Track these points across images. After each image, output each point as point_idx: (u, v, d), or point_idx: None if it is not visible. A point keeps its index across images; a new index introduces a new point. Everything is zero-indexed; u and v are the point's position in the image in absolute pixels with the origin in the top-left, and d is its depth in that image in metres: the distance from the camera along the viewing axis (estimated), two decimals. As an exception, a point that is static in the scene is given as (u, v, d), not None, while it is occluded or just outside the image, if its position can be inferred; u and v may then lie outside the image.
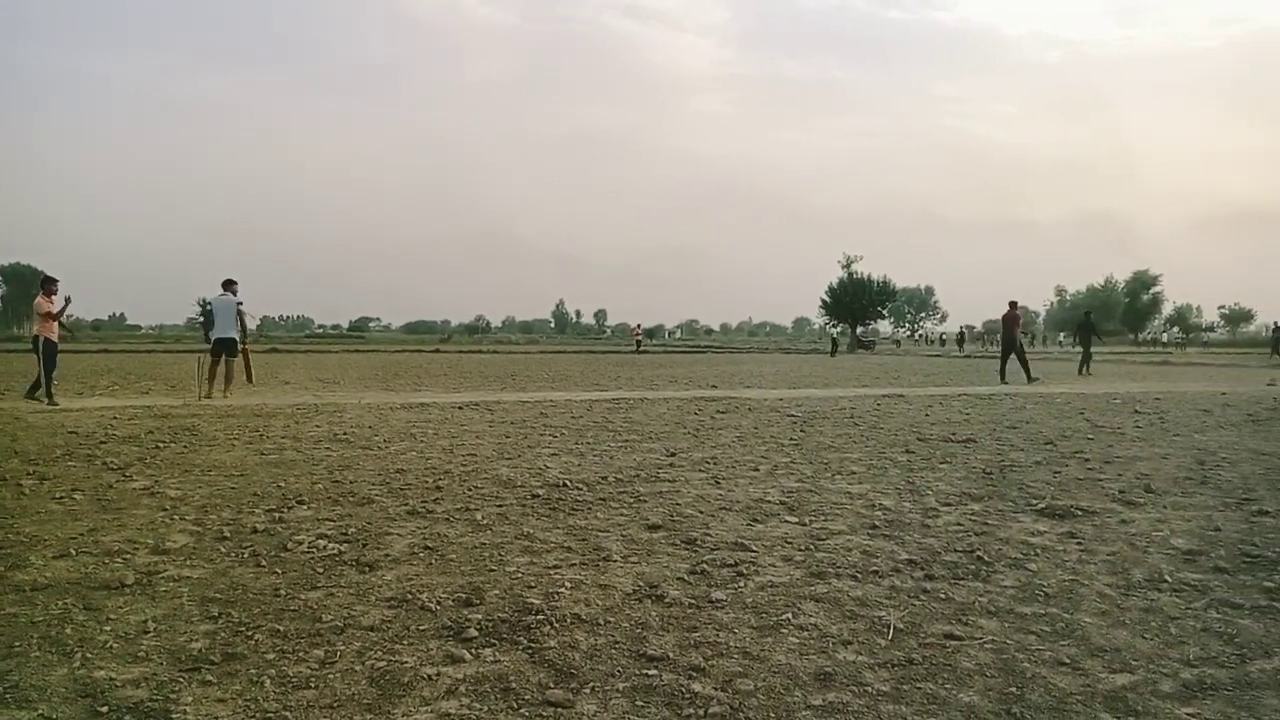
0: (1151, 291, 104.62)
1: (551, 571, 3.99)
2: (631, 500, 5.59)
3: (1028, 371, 20.19)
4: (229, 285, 13.95)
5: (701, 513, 5.25)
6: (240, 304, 13.87)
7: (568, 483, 6.10)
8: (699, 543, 4.51)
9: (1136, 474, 6.76)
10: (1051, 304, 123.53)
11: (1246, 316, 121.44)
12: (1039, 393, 15.97)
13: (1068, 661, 3.04)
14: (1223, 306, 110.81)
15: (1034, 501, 5.66)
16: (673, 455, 7.56)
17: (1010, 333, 20.40)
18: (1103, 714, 2.66)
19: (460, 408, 11.92)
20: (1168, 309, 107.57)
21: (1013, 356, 20.42)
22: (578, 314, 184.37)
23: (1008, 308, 20.60)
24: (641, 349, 49.29)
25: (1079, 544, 4.59)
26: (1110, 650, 3.13)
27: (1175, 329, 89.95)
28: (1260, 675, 2.95)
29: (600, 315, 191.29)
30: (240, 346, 13.84)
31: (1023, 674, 2.93)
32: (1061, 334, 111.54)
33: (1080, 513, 5.31)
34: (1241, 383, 19.97)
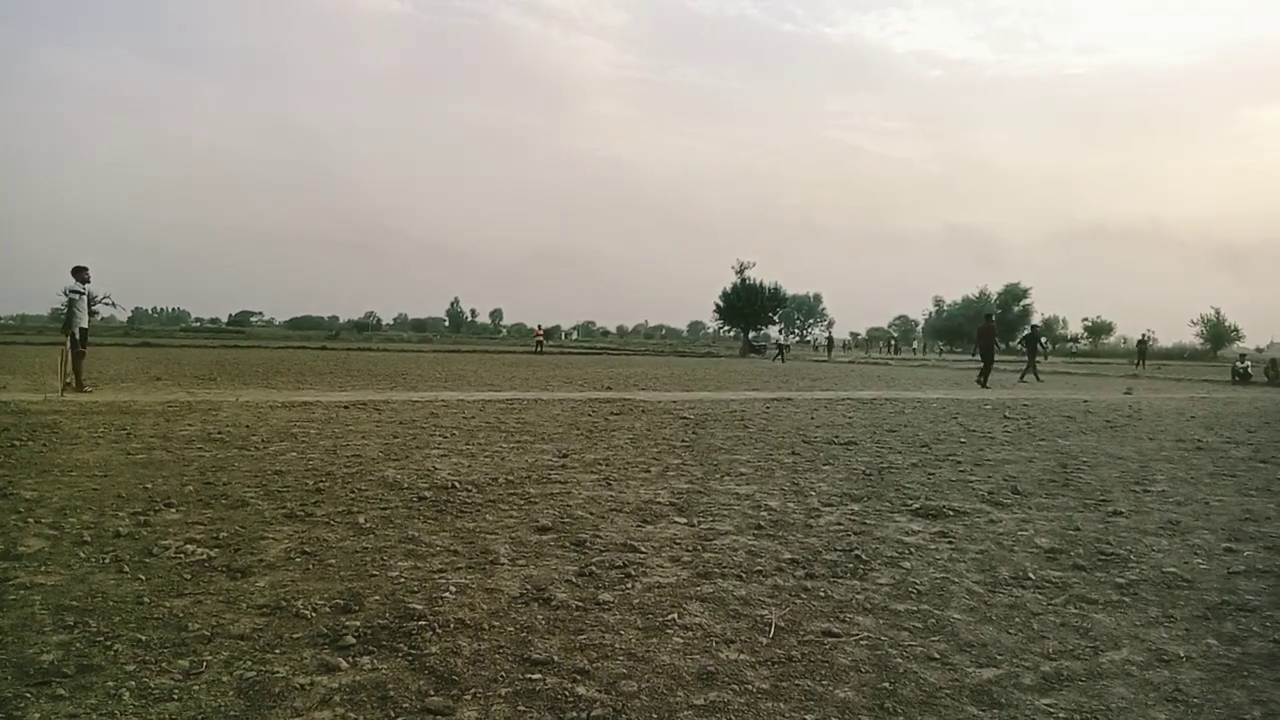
0: (1022, 303, 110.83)
1: (436, 576, 3.90)
2: (522, 502, 5.53)
3: (985, 376, 21.94)
4: (79, 273, 12.93)
5: (592, 514, 5.24)
6: (104, 297, 12.97)
7: (457, 484, 5.99)
8: (588, 544, 4.50)
9: (1004, 476, 7.13)
10: (930, 313, 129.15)
11: (1108, 329, 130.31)
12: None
13: (938, 656, 3.16)
14: (1086, 319, 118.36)
15: (909, 502, 5.90)
16: (565, 457, 7.54)
17: (987, 344, 22.29)
18: (969, 706, 2.79)
19: (346, 407, 11.56)
20: (1036, 320, 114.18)
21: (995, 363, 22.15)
22: (473, 313, 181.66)
23: (984, 320, 22.50)
24: (541, 350, 48.92)
25: (950, 543, 4.80)
26: (977, 645, 3.29)
27: (1043, 339, 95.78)
28: (1111, 666, 3.14)
29: (496, 314, 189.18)
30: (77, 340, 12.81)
31: (895, 669, 3.04)
32: (940, 342, 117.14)
33: (952, 513, 5.56)
34: (1102, 391, 21.39)
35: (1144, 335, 51.27)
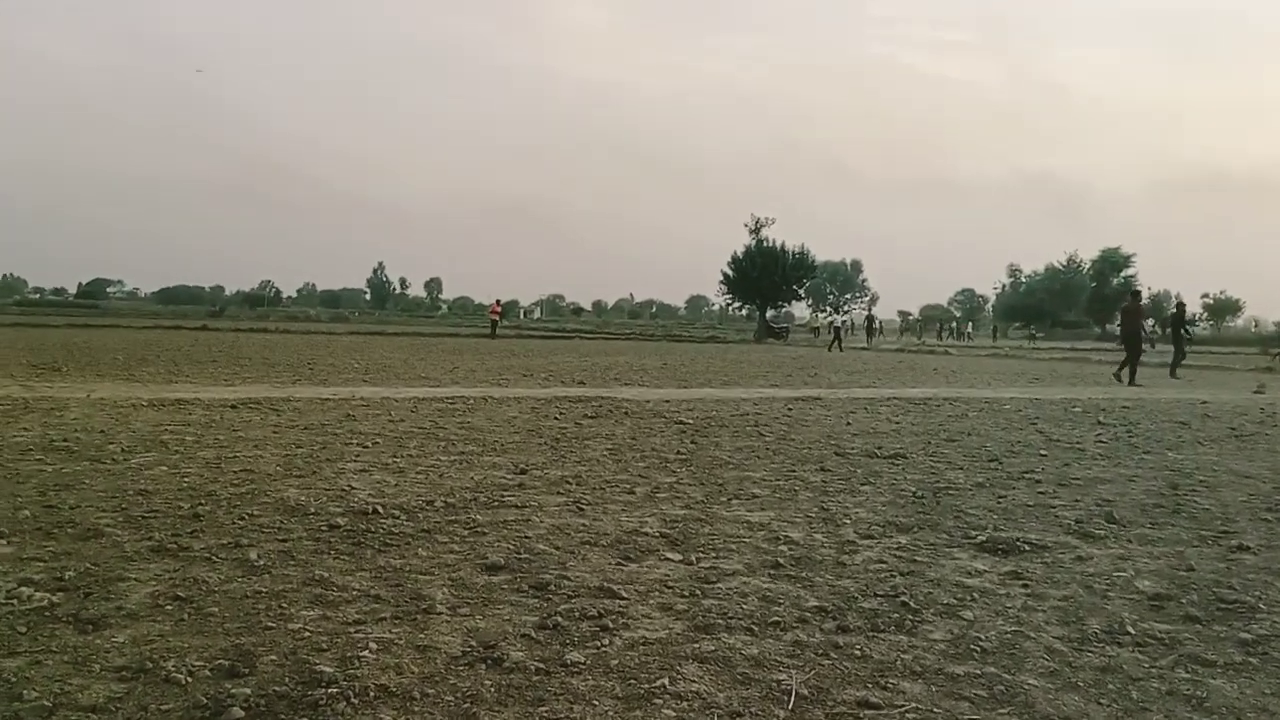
0: (1123, 275, 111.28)
1: (352, 629, 3.90)
2: (466, 532, 5.55)
3: (1133, 373, 22.25)
4: None
5: (558, 548, 5.25)
6: None
7: (380, 509, 5.99)
8: (552, 588, 4.51)
9: (1097, 500, 7.19)
10: (1003, 287, 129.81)
11: (1234, 308, 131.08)
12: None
13: (1007, 734, 3.19)
14: (1206, 295, 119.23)
15: (973, 533, 5.93)
16: (523, 473, 7.55)
17: (1133, 327, 22.77)
18: (1046, 798, 2.81)
19: (233, 406, 11.54)
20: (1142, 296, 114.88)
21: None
22: (403, 283, 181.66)
23: (1129, 299, 23.12)
24: (497, 333, 48.86)
25: (1025, 587, 4.83)
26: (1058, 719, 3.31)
27: (1150, 322, 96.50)
28: (1229, 745, 3.18)
29: (433, 286, 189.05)
30: None
31: (953, 751, 3.06)
32: (1031, 327, 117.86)
33: (1028, 547, 5.59)
34: (1225, 388, 21.60)
35: None
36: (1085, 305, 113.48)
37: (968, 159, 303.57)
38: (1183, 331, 27.29)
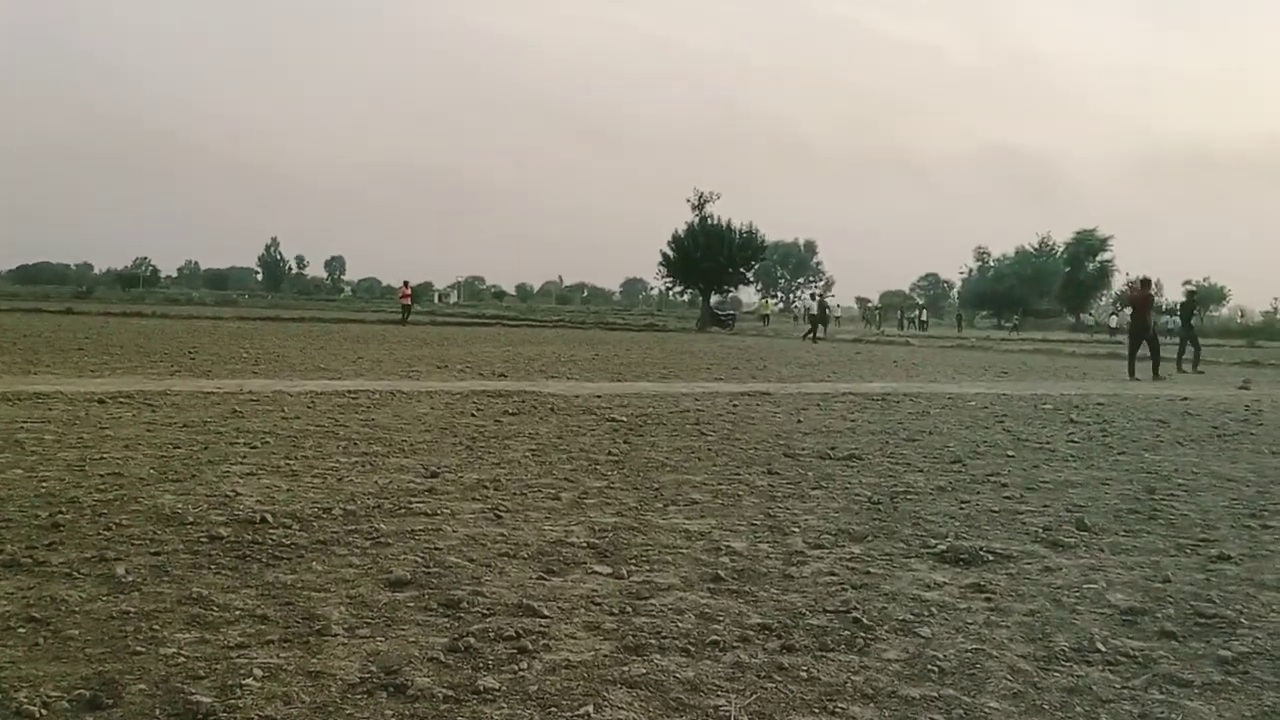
0: (1099, 259, 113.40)
1: (234, 653, 3.84)
2: (367, 544, 5.50)
3: (1156, 366, 22.93)
4: None
5: (472, 561, 5.23)
6: None
7: (269, 518, 5.94)
8: (465, 606, 4.49)
9: (1067, 505, 7.33)
10: (970, 272, 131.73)
11: (1218, 297, 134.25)
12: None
13: (966, 762, 3.23)
14: (1188, 282, 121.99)
15: (932, 542, 6.01)
16: (434, 476, 7.53)
17: (1142, 317, 23.46)
18: (1007, 833, 2.86)
19: (102, 401, 11.33)
20: (1119, 282, 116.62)
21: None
22: (300, 262, 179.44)
23: (1138, 286, 23.77)
24: (408, 319, 48.40)
25: (988, 600, 4.91)
26: (1022, 745, 3.37)
27: (1129, 311, 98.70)
28: (1205, 772, 3.26)
29: (335, 265, 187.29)
30: None
31: (907, 782, 3.09)
32: (982, 313, 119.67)
33: (991, 557, 5.68)
34: (1208, 384, 22.13)
35: None
36: (1058, 292, 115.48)
37: (932, 132, 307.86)
38: (1191, 321, 28.07)
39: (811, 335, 43.83)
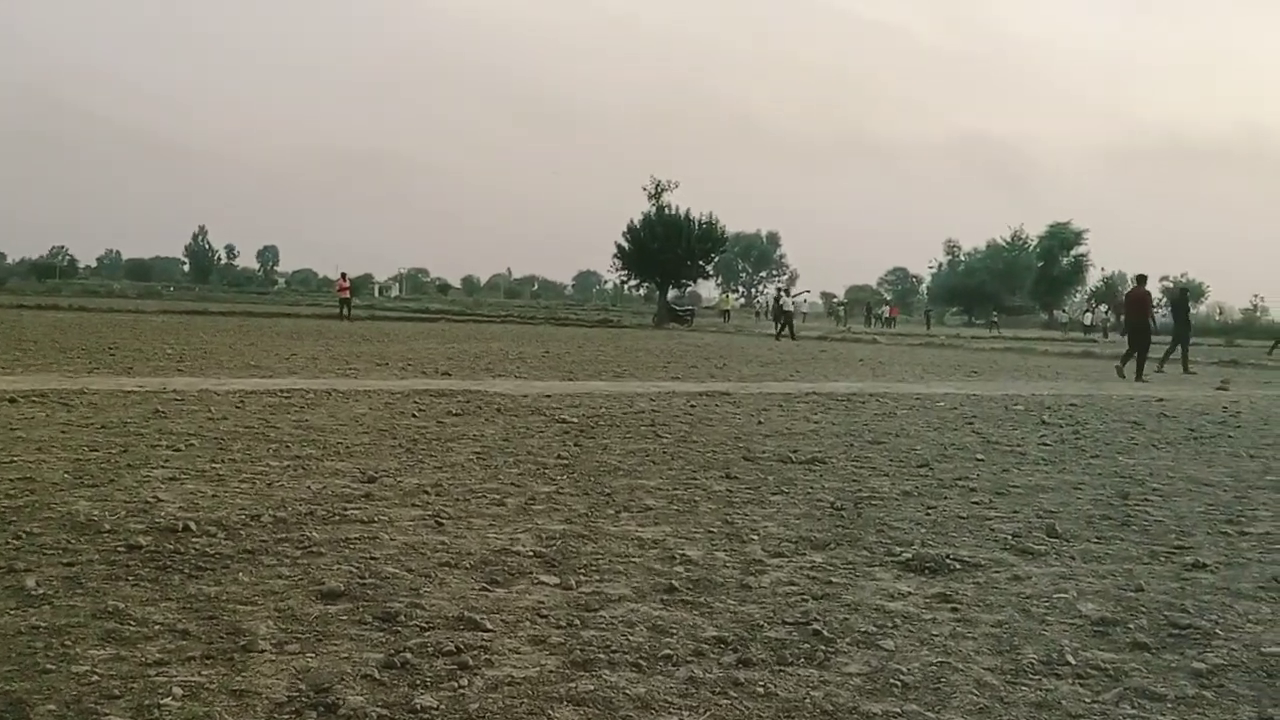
0: (1074, 253, 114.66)
1: (152, 671, 3.79)
2: (299, 553, 5.46)
3: (1140, 365, 23.36)
4: None
5: (410, 571, 5.20)
6: None
7: (192, 525, 5.88)
8: (402, 619, 4.46)
9: (1038, 511, 7.40)
10: (939, 265, 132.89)
11: (1197, 293, 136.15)
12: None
13: (930, 782, 3.25)
14: (1166, 278, 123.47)
15: (897, 550, 6.04)
16: (372, 481, 7.49)
17: (1140, 318, 24.04)
18: None
19: (12, 400, 11.20)
20: (1094, 278, 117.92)
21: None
22: (230, 252, 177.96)
23: (1134, 284, 24.54)
24: (348, 313, 48.04)
25: (954, 611, 4.94)
26: (987, 763, 3.39)
27: (1104, 308, 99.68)
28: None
29: (268, 255, 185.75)
30: None
31: (867, 803, 3.10)
32: (952, 309, 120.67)
33: (958, 566, 5.72)
34: (1185, 384, 22.44)
35: None
36: (1031, 288, 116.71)
37: (900, 118, 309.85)
38: (1189, 318, 28.57)
39: (782, 333, 43.92)
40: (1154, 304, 25.30)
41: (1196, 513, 7.59)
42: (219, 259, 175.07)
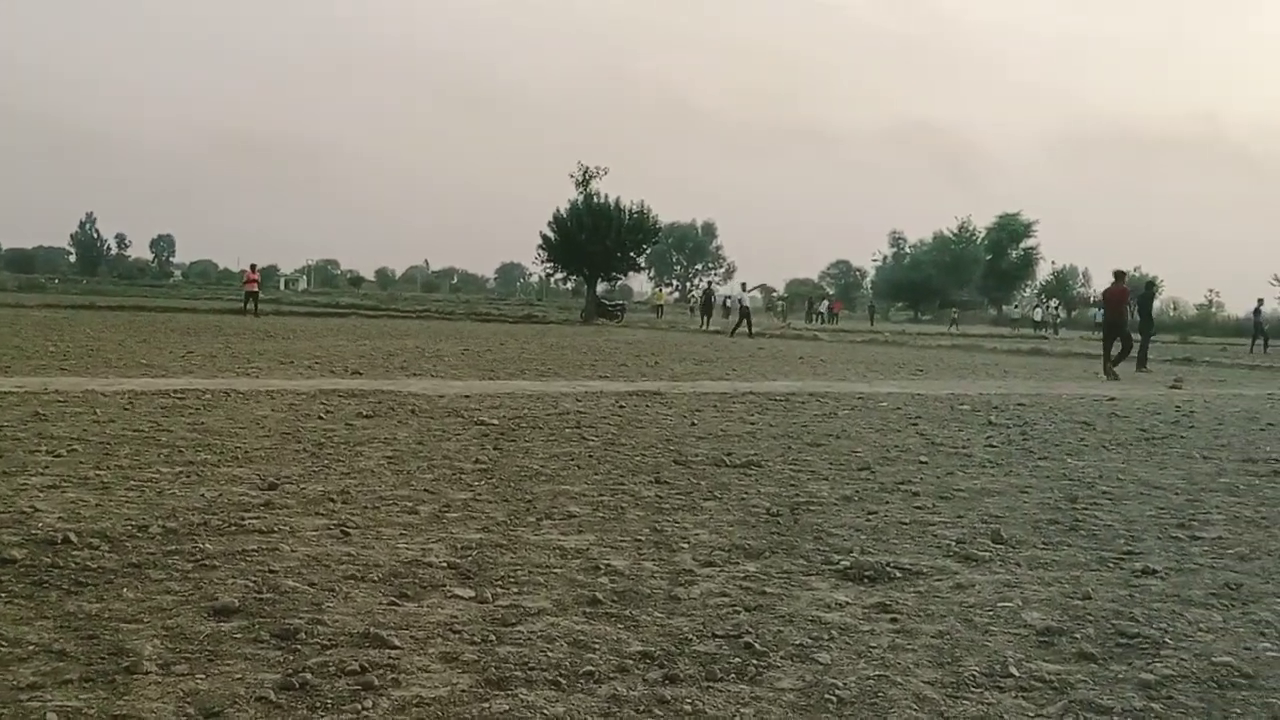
0: (1023, 246, 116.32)
1: (25, 695, 3.73)
2: (190, 566, 5.39)
3: (1142, 358, 24.71)
4: None
5: (312, 585, 5.16)
6: None
7: (73, 537, 5.78)
8: (302, 636, 4.41)
9: (983, 515, 7.49)
10: (884, 258, 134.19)
11: (1156, 289, 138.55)
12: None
13: (865, 803, 3.26)
14: (1120, 273, 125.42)
15: (835, 558, 6.08)
16: (272, 488, 7.43)
17: (1116, 313, 24.92)
18: None
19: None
20: (1044, 271, 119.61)
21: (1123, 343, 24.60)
22: (121, 242, 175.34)
23: (1112, 279, 25.28)
24: (255, 307, 47.41)
25: (893, 621, 4.98)
26: (926, 782, 3.41)
27: (1054, 303, 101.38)
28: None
29: (163, 245, 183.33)
30: None
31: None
32: (897, 304, 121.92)
33: (899, 574, 5.77)
34: (1137, 383, 22.83)
35: (1260, 303, 56.11)
36: (979, 282, 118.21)
37: (840, 103, 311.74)
38: (1151, 315, 29.23)
39: (737, 329, 44.12)
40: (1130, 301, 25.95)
41: (1147, 517, 7.72)
42: (109, 249, 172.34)
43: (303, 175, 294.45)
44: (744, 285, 53.13)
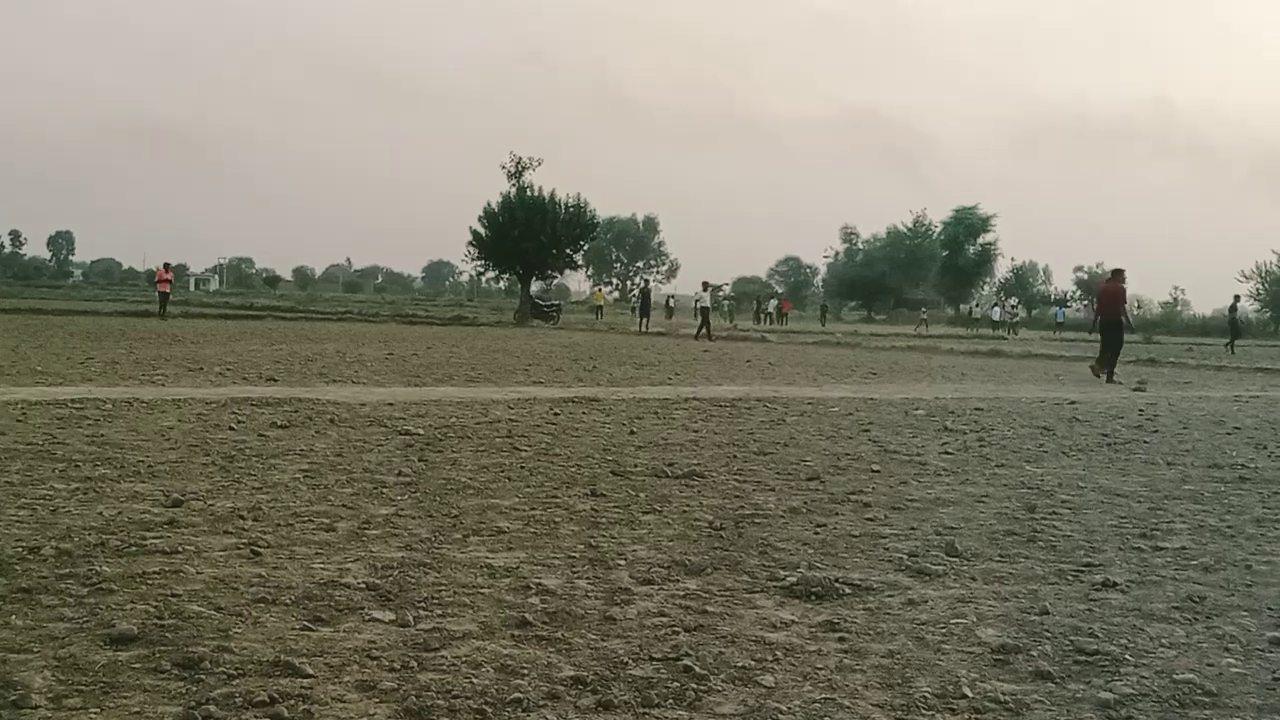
0: (981, 241, 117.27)
1: (-98, 733, 3.64)
2: (85, 591, 5.32)
3: (1111, 365, 24.43)
4: None
5: (219, 609, 5.10)
6: None
7: (-42, 560, 5.69)
8: (207, 665, 4.36)
9: (937, 527, 7.56)
10: (836, 254, 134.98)
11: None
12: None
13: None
14: (1080, 269, 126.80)
15: (781, 574, 6.10)
16: (177, 505, 7.35)
17: (1112, 313, 25.27)
18: None
19: None
20: (1003, 268, 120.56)
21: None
22: (15, 239, 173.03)
23: (1109, 277, 25.76)
24: (164, 308, 46.82)
25: (841, 641, 5.00)
26: (874, 811, 3.42)
27: (1014, 301, 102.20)
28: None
29: (60, 243, 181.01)
30: None
31: None
32: (850, 304, 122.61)
33: (848, 590, 5.80)
34: (1099, 385, 23.10)
35: (1236, 300, 56.90)
36: (936, 280, 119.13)
37: (783, 91, 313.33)
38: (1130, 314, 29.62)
39: (703, 333, 44.16)
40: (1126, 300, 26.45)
41: (1108, 526, 7.82)
42: (1, 247, 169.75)
43: (216, 169, 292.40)
44: (717, 288, 53.17)
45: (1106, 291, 26.49)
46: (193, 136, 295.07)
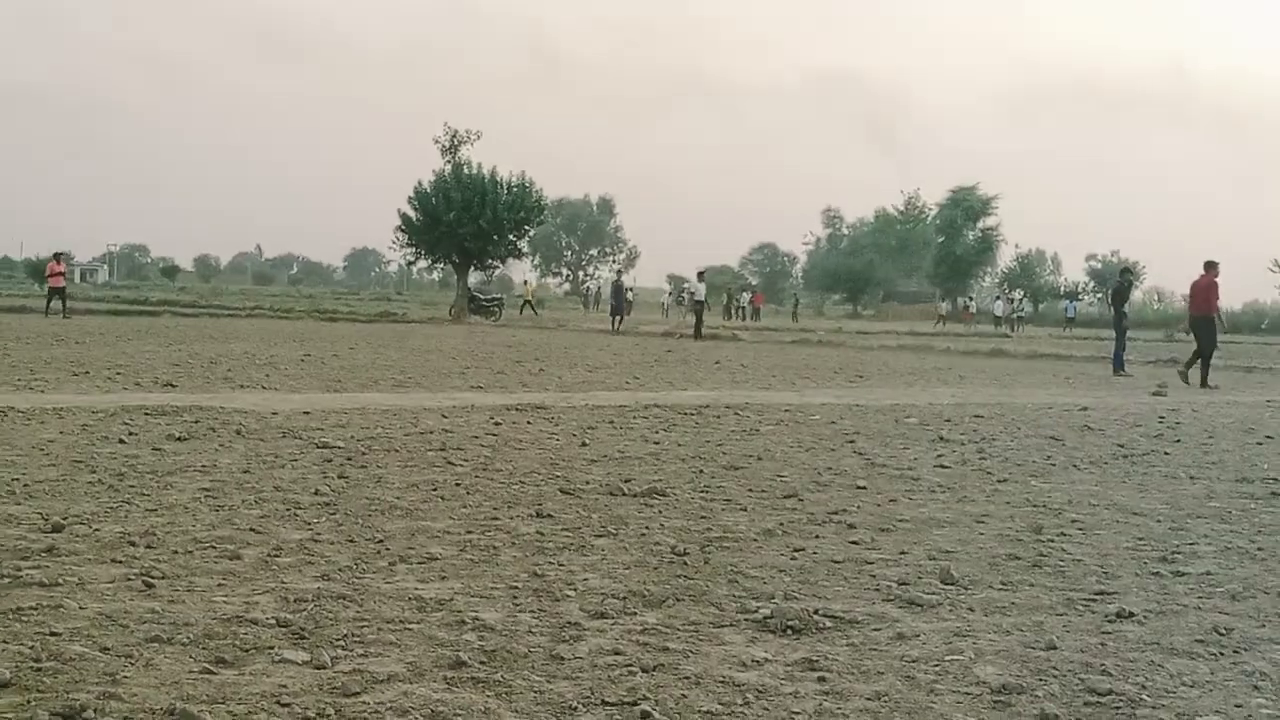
0: (982, 225, 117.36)
1: None
2: (-49, 628, 5.26)
3: (1204, 369, 25.04)
4: None
5: (107, 650, 5.05)
6: None
7: None
8: (91, 715, 4.31)
9: (930, 551, 7.56)
10: (817, 241, 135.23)
11: (1135, 275, 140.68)
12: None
13: None
14: (1093, 257, 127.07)
15: (753, 605, 6.09)
16: (58, 531, 7.28)
17: (1205, 310, 25.66)
18: None
19: None
20: (1006, 257, 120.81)
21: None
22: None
23: (1202, 272, 25.93)
24: (66, 305, 46.24)
25: (821, 681, 4.98)
26: None
27: (1019, 295, 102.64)
28: None
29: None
30: None
31: None
32: (834, 297, 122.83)
33: (829, 623, 5.80)
34: (1115, 389, 23.24)
35: None
36: (930, 269, 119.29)
37: (746, 50, 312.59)
38: (1124, 308, 29.82)
39: (698, 331, 44.11)
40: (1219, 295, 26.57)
41: (1123, 549, 7.84)
42: None
43: (101, 144, 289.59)
44: (699, 274, 53.00)
45: (1198, 286, 26.66)
46: (86, 103, 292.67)
